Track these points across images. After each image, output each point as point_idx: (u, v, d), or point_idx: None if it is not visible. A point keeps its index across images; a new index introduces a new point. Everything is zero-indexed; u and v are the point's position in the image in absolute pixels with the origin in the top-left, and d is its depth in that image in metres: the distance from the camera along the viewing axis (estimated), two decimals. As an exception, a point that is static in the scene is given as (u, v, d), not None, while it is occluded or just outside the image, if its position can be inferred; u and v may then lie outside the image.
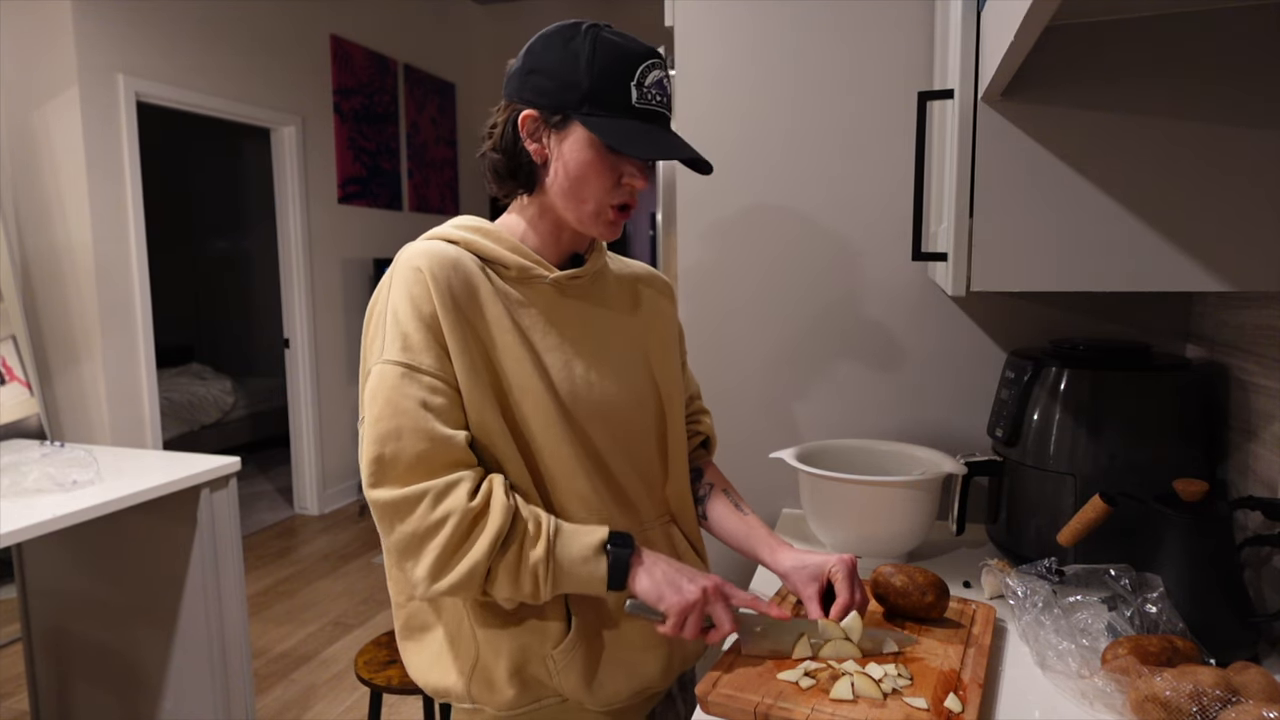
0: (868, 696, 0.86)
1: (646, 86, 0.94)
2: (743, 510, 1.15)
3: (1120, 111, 0.91)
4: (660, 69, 0.95)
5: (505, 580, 0.88)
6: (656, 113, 0.95)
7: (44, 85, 3.34)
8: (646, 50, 0.95)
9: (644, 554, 0.93)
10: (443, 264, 0.92)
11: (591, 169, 0.94)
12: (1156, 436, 1.18)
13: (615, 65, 0.92)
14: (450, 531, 0.85)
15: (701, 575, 0.93)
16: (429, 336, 0.90)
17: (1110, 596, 0.99)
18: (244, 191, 6.70)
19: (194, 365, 6.16)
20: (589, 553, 0.90)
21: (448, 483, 0.87)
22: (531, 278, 0.99)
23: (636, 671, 1.02)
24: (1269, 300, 1.09)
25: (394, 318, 0.91)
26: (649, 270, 1.19)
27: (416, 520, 0.86)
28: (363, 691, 2.76)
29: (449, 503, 0.86)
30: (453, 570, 0.86)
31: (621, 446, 1.03)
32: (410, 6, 5.39)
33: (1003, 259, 0.97)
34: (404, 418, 0.87)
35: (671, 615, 0.90)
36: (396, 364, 0.89)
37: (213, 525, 2.05)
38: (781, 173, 1.63)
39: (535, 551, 0.88)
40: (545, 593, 0.90)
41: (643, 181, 0.97)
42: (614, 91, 0.92)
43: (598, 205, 0.96)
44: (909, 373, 1.60)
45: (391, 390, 0.88)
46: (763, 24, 1.61)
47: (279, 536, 4.38)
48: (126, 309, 3.55)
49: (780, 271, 1.65)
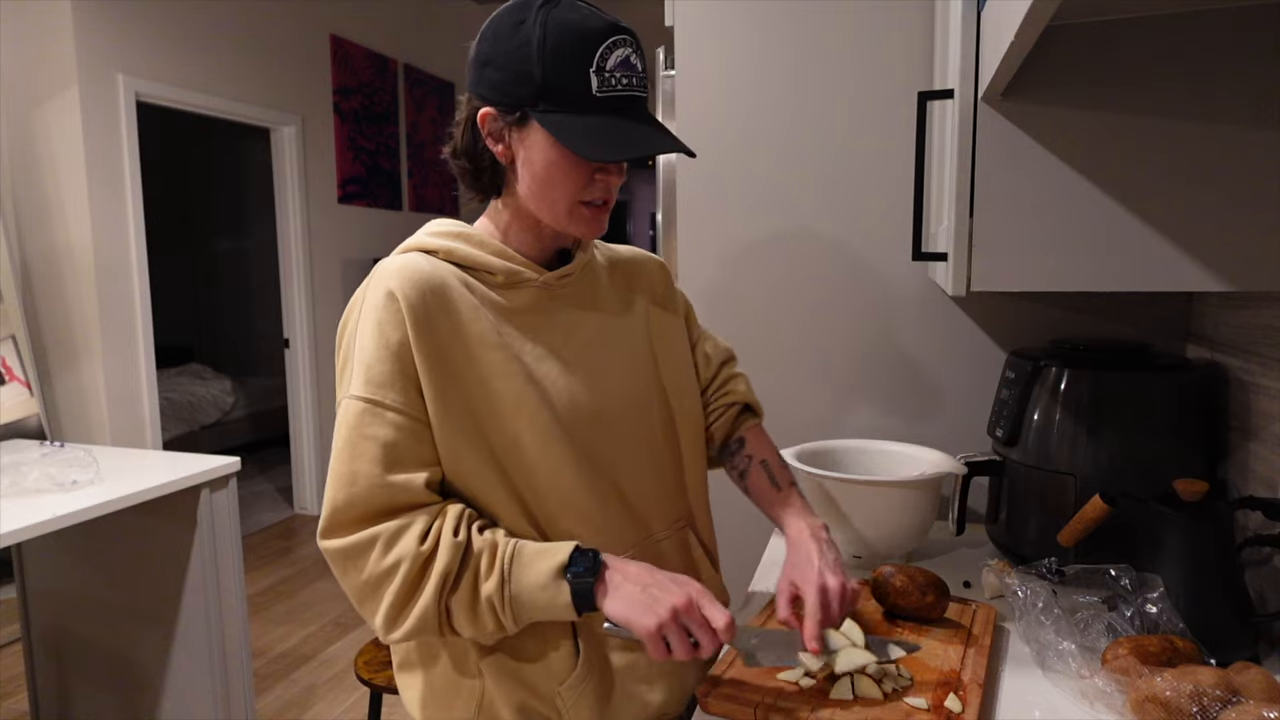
0: (868, 697, 0.86)
1: (609, 71, 0.83)
2: (779, 485, 1.07)
3: (1120, 111, 0.91)
4: (626, 45, 0.84)
5: (464, 618, 0.83)
6: (624, 99, 0.84)
7: (44, 85, 3.34)
8: (607, 26, 0.83)
9: (611, 574, 0.84)
10: (416, 283, 0.85)
11: (558, 170, 0.86)
12: (1156, 436, 1.18)
13: (570, 50, 0.82)
14: (402, 578, 0.81)
15: (676, 589, 0.82)
16: (395, 367, 0.84)
17: (1110, 596, 0.99)
18: (244, 191, 6.70)
19: (194, 365, 6.16)
20: (546, 579, 0.82)
21: (399, 526, 0.82)
22: (519, 282, 0.92)
23: (649, 702, 0.96)
24: (1269, 300, 1.09)
25: (360, 348, 0.85)
26: (639, 253, 1.11)
27: (370, 567, 0.82)
28: (363, 691, 2.76)
29: (399, 548, 0.81)
30: (408, 617, 0.82)
31: (629, 452, 0.97)
32: (410, 6, 5.39)
33: (1003, 259, 0.97)
34: (360, 461, 0.82)
35: (646, 642, 0.80)
36: (360, 399, 0.84)
37: (213, 525, 2.05)
38: (781, 172, 1.63)
39: (488, 585, 0.82)
40: (509, 624, 0.84)
41: (618, 177, 0.90)
42: (571, 82, 0.82)
43: (570, 205, 0.89)
44: (909, 373, 1.60)
45: (352, 429, 0.83)
46: (763, 24, 1.61)
47: (279, 536, 4.38)
48: (126, 309, 3.55)
49: (780, 271, 1.65)
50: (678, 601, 0.80)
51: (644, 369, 1.02)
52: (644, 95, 0.87)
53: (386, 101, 5.19)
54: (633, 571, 0.84)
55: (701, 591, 0.83)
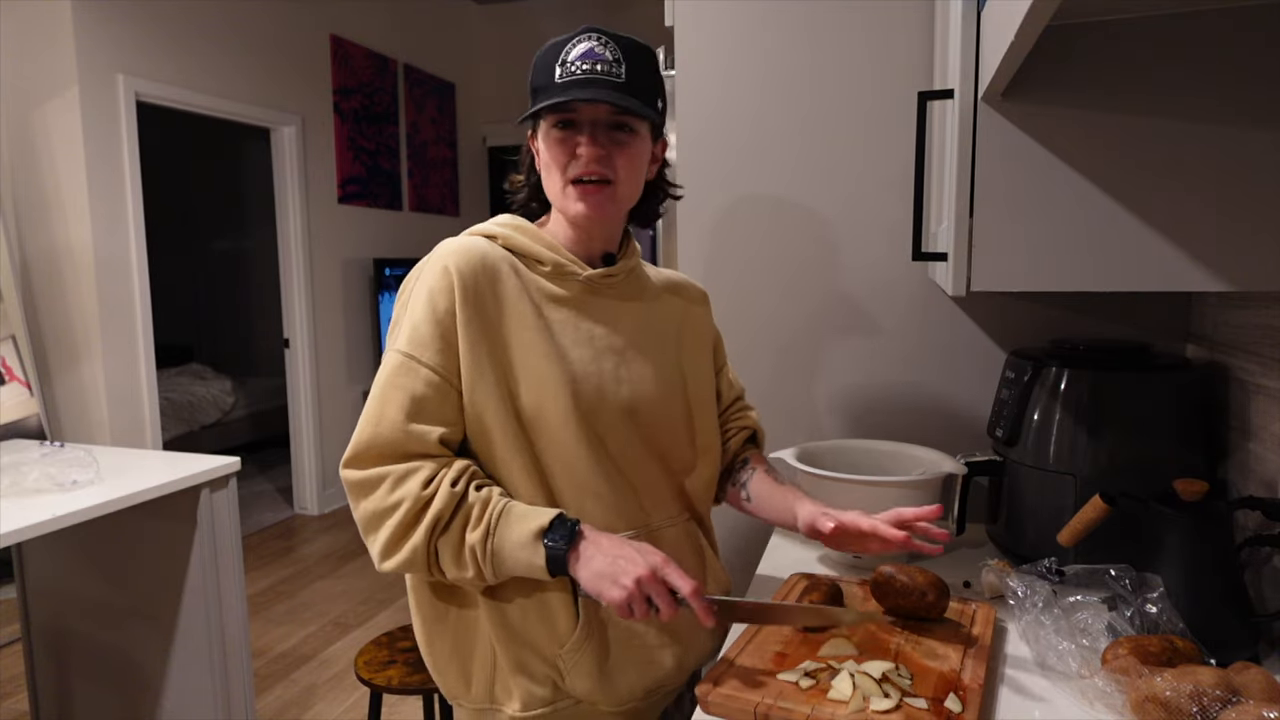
0: (868, 696, 0.86)
1: (571, 61, 0.97)
2: (780, 481, 1.18)
3: (1120, 111, 0.91)
4: (590, 39, 0.98)
5: (450, 560, 0.92)
6: (581, 80, 0.96)
7: (44, 85, 3.34)
8: (577, 32, 0.99)
9: (584, 544, 0.91)
10: (470, 261, 0.97)
11: (548, 152, 1.00)
12: (1156, 436, 1.18)
13: (545, 55, 0.99)
14: (401, 515, 0.90)
15: (638, 562, 0.89)
16: (437, 332, 0.94)
17: (1110, 596, 0.99)
18: (244, 191, 6.69)
19: (194, 365, 6.15)
20: (526, 539, 0.91)
21: (407, 469, 0.91)
22: (565, 274, 1.02)
23: (649, 668, 1.02)
24: (1269, 300, 1.09)
25: (411, 310, 0.96)
26: (684, 278, 1.22)
27: (376, 500, 0.92)
28: (363, 691, 2.76)
29: (403, 489, 0.90)
30: (400, 550, 0.91)
31: (649, 442, 1.05)
32: (410, 6, 5.39)
33: (1003, 259, 0.97)
34: (389, 405, 0.93)
35: (613, 608, 0.90)
36: (401, 353, 0.95)
37: (213, 525, 2.04)
38: (781, 173, 1.63)
39: (474, 534, 0.91)
40: (489, 574, 0.92)
41: (590, 149, 0.98)
42: (544, 79, 0.98)
43: (564, 184, 1.00)
44: (909, 373, 1.60)
45: (389, 376, 0.94)
46: (763, 24, 1.61)
47: (279, 536, 4.38)
48: (126, 309, 3.55)
49: (780, 272, 1.65)
50: (641, 572, 0.88)
51: (670, 377, 1.10)
52: (609, 77, 0.97)
53: (386, 101, 5.19)
54: (605, 544, 0.92)
55: (665, 560, 0.90)
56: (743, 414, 1.24)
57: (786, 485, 1.17)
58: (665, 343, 1.11)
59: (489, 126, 6.18)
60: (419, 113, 5.51)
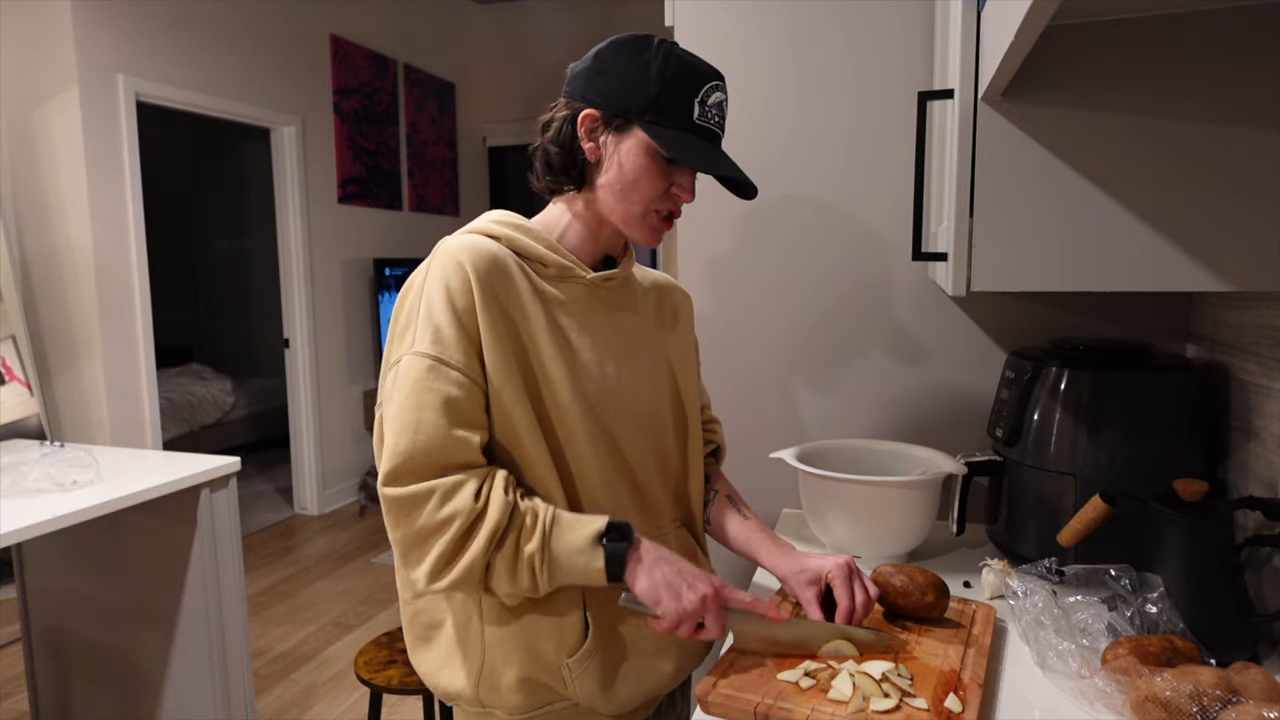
0: (868, 696, 0.86)
1: (709, 105, 0.97)
2: (744, 514, 1.17)
3: (1121, 111, 0.91)
4: (722, 91, 0.99)
5: (504, 574, 0.89)
6: (713, 131, 0.98)
7: (44, 85, 3.34)
8: (713, 71, 0.98)
9: (645, 550, 0.92)
10: (484, 258, 0.93)
11: (645, 174, 0.97)
12: (1156, 436, 1.18)
13: (683, 80, 0.95)
14: (455, 531, 0.86)
15: (703, 581, 0.92)
16: (461, 331, 0.90)
17: (1110, 596, 0.99)
18: (244, 191, 6.69)
19: (194, 365, 6.15)
20: (584, 544, 0.89)
21: (455, 482, 0.87)
22: (569, 277, 1.00)
23: (649, 676, 1.03)
24: (1269, 300, 1.09)
25: (428, 308, 0.91)
26: (670, 280, 1.21)
27: (425, 517, 0.87)
28: (363, 691, 2.76)
29: (455, 503, 0.86)
30: (454, 569, 0.87)
31: (648, 447, 1.05)
32: (410, 6, 5.39)
33: (1003, 259, 0.97)
34: (425, 411, 0.88)
35: (667, 620, 0.90)
36: (426, 356, 0.89)
37: (213, 525, 2.04)
38: (781, 173, 1.63)
39: (530, 545, 0.88)
40: (544, 584, 0.90)
41: (690, 195, 1.00)
42: (678, 105, 0.95)
43: (645, 209, 0.98)
44: (909, 372, 1.60)
45: (417, 382, 0.89)
46: (763, 23, 1.61)
47: (279, 536, 4.38)
48: (126, 309, 3.55)
49: (780, 272, 1.65)
50: (708, 590, 0.91)
51: (664, 380, 1.10)
52: (722, 136, 1.00)
53: (386, 101, 5.19)
54: (665, 553, 0.93)
55: (723, 584, 0.94)
56: (711, 426, 1.22)
57: (750, 520, 1.15)
58: (658, 346, 1.11)
59: (489, 126, 6.17)
60: (419, 112, 5.51)
